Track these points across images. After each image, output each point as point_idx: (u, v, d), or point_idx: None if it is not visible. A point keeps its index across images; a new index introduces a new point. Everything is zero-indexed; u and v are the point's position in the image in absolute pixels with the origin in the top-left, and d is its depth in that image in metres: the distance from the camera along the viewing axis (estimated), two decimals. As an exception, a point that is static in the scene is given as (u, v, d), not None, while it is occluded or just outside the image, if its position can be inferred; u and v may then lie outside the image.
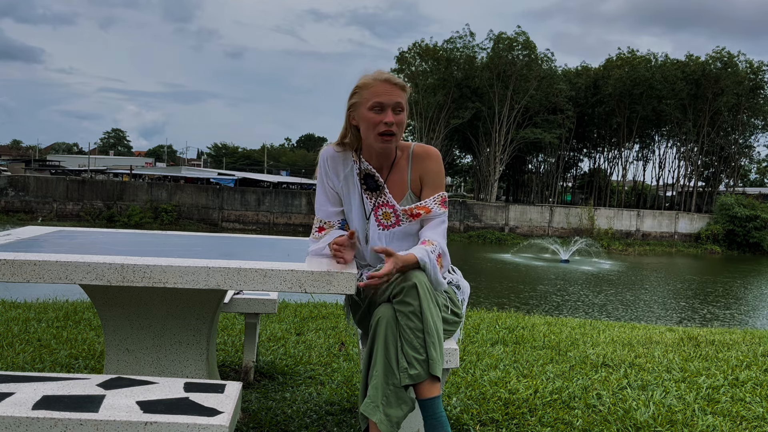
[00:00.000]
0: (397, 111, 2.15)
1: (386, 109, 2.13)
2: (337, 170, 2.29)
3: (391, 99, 2.13)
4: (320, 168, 2.31)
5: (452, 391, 3.01)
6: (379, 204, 2.25)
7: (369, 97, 2.14)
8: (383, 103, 2.12)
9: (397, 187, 2.26)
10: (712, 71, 48.59)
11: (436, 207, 2.22)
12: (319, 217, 2.30)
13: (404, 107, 2.17)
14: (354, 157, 2.28)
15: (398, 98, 2.14)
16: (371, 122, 2.14)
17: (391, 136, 2.14)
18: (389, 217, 2.24)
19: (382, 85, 2.14)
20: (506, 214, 45.65)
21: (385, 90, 2.13)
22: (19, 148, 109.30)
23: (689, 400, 2.98)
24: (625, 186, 58.78)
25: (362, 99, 2.16)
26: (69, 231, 2.82)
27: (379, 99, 2.13)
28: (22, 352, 3.49)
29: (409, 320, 1.93)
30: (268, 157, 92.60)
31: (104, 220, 41.40)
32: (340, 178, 2.28)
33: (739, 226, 43.81)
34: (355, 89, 2.20)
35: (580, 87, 52.91)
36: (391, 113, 2.13)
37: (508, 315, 5.45)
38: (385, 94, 2.13)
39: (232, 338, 4.00)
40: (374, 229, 2.25)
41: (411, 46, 51.92)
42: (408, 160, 2.27)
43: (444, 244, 2.19)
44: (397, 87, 2.15)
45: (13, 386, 1.62)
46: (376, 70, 2.20)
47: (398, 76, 2.24)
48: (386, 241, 2.24)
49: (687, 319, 18.15)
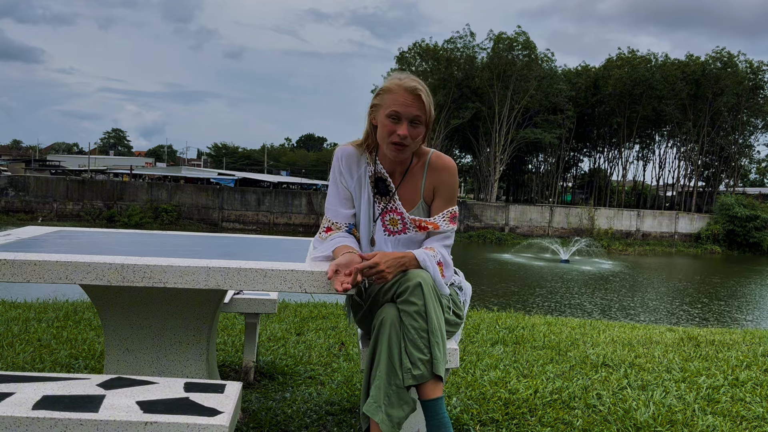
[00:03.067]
0: (414, 124, 2.10)
1: (402, 120, 2.08)
2: (351, 170, 2.25)
3: (409, 112, 2.08)
4: (334, 166, 2.27)
5: (452, 391, 3.01)
6: (388, 209, 2.23)
7: (389, 103, 2.09)
8: (400, 114, 2.08)
9: (409, 194, 2.23)
10: (712, 71, 48.62)
11: (445, 224, 2.20)
12: (328, 217, 2.27)
13: (423, 120, 2.11)
14: (369, 158, 2.25)
15: (417, 111, 2.08)
16: (386, 130, 2.10)
17: (402, 147, 2.10)
18: (396, 224, 2.22)
19: (404, 95, 2.08)
20: (506, 214, 45.65)
21: (406, 101, 2.07)
22: (19, 148, 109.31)
23: (689, 400, 2.98)
24: (625, 186, 58.79)
25: (383, 103, 2.12)
26: (69, 231, 2.82)
27: (397, 109, 2.07)
28: (22, 352, 3.49)
29: (414, 320, 1.92)
30: (268, 157, 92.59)
31: (104, 220, 41.40)
32: (354, 177, 2.26)
33: (739, 226, 43.82)
34: (380, 91, 2.15)
35: (580, 87, 52.93)
36: (407, 126, 2.08)
37: (508, 315, 5.45)
38: (404, 105, 2.07)
39: (232, 338, 3.99)
40: (380, 234, 2.23)
41: (411, 46, 51.99)
42: (424, 168, 2.23)
43: (446, 255, 2.16)
44: (418, 100, 2.08)
45: (13, 386, 1.62)
46: (405, 75, 2.14)
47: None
48: (392, 246, 2.22)
49: (687, 319, 18.15)
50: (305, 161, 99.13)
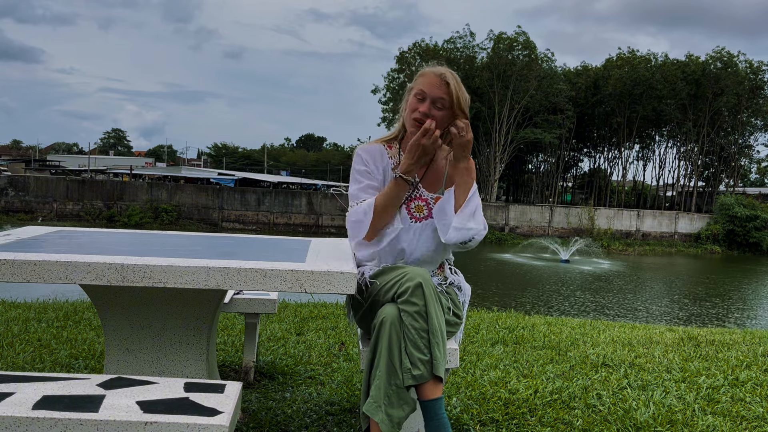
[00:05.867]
0: (437, 106, 2.16)
1: (426, 99, 2.16)
2: (376, 163, 2.30)
3: (434, 92, 2.16)
4: (357, 163, 2.30)
5: (452, 391, 3.01)
6: (413, 197, 2.28)
7: (419, 85, 2.20)
8: (426, 93, 2.17)
9: (433, 181, 2.30)
10: (712, 71, 48.61)
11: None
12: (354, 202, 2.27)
13: (447, 104, 2.16)
14: (392, 150, 2.32)
15: (442, 94, 2.15)
16: (411, 107, 2.20)
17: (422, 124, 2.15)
18: (422, 210, 2.27)
19: (432, 78, 2.18)
20: (506, 214, 45.65)
21: (433, 82, 2.17)
22: (19, 148, 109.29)
23: (689, 400, 2.98)
24: (625, 186, 58.78)
25: (415, 85, 2.22)
26: (69, 231, 2.82)
27: (423, 87, 2.17)
28: (22, 352, 3.49)
29: (414, 320, 1.93)
30: (268, 157, 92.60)
31: (104, 220, 41.40)
32: (379, 169, 2.30)
33: (739, 226, 43.81)
34: (415, 77, 2.26)
35: (580, 87, 52.90)
36: (430, 105, 2.16)
37: (508, 315, 5.45)
38: (430, 85, 2.16)
39: (232, 338, 3.99)
40: (406, 221, 2.25)
41: (411, 47, 51.94)
42: (447, 158, 2.29)
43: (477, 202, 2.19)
44: (445, 83, 2.16)
45: (13, 386, 1.62)
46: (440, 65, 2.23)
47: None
48: (419, 232, 2.25)
49: (687, 319, 18.15)
50: (305, 161, 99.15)
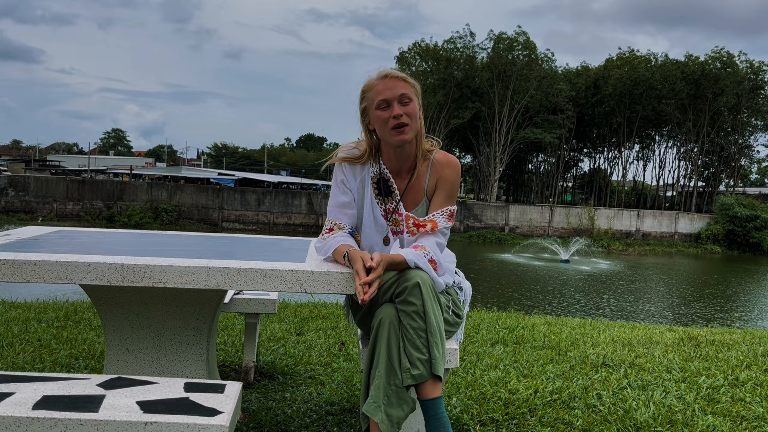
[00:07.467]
0: (403, 102, 2.13)
1: (392, 103, 2.12)
2: (354, 172, 2.27)
3: (395, 93, 2.12)
4: (336, 169, 2.28)
5: (452, 391, 3.01)
6: (390, 210, 2.25)
7: (374, 97, 2.14)
8: (388, 99, 2.12)
9: (413, 194, 2.25)
10: (712, 71, 48.59)
11: (443, 221, 2.20)
12: (330, 218, 2.27)
13: (412, 97, 2.14)
14: (372, 161, 2.27)
15: (401, 90, 2.13)
16: (382, 120, 2.14)
17: (403, 126, 2.12)
18: (399, 224, 2.24)
19: (383, 82, 2.14)
20: (506, 214, 45.64)
21: (387, 86, 2.13)
22: (19, 148, 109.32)
23: (689, 400, 2.98)
24: (625, 186, 58.78)
25: (369, 101, 2.16)
26: (69, 231, 2.82)
27: (383, 96, 2.12)
28: (22, 352, 3.49)
29: (412, 320, 1.93)
30: (268, 157, 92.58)
31: (104, 220, 41.39)
32: (357, 179, 2.27)
33: (739, 226, 43.79)
34: (362, 94, 2.20)
35: (580, 87, 52.91)
36: (398, 106, 2.12)
37: (508, 315, 5.45)
38: (387, 90, 2.12)
39: (232, 338, 3.99)
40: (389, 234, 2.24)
41: (411, 47, 51.96)
42: (428, 167, 2.25)
43: (438, 253, 2.15)
44: (398, 80, 2.14)
45: (13, 386, 1.62)
46: (378, 70, 2.18)
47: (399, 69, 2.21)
48: (398, 245, 2.23)
49: (687, 319, 18.15)
50: (305, 161, 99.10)
